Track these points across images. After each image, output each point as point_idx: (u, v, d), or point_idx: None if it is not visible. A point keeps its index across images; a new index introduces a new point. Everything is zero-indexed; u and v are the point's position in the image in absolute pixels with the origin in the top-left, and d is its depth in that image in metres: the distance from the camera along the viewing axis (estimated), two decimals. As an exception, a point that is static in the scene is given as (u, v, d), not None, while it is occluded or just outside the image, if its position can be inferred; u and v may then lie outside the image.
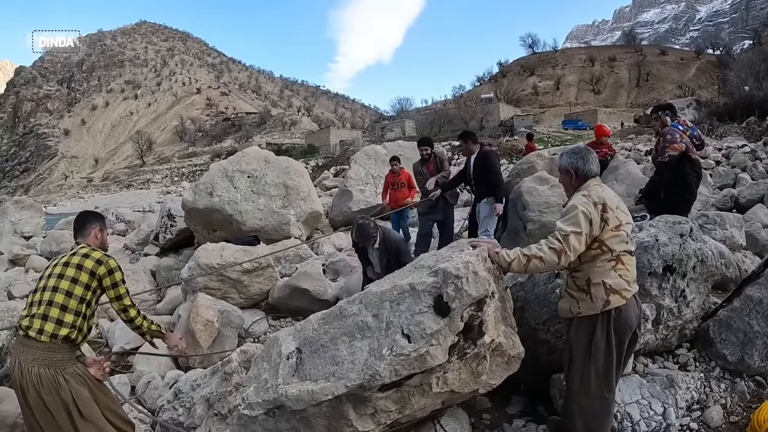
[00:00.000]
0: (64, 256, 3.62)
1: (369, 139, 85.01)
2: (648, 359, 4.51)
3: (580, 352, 3.37)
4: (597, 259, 3.28)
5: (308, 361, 3.43)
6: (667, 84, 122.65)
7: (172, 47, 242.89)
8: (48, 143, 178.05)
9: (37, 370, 3.23)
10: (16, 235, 20.05)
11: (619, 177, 9.23)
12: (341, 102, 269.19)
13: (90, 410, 3.34)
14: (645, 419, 3.75)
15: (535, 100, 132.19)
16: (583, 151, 3.56)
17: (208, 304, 6.38)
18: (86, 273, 3.48)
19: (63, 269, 3.47)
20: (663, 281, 4.24)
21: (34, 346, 3.27)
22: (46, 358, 3.28)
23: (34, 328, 3.29)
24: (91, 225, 3.86)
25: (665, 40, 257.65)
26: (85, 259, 3.51)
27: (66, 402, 3.25)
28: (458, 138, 8.35)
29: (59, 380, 3.25)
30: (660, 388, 3.93)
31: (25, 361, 3.25)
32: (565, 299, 3.50)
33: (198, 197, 10.23)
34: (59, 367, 3.30)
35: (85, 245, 3.69)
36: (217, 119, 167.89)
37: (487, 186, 7.56)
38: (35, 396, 3.22)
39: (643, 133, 46.55)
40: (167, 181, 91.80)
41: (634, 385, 3.96)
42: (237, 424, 3.69)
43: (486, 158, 7.62)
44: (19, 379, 3.25)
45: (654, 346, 4.43)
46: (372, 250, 6.12)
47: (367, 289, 3.62)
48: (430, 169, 8.37)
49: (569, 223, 3.18)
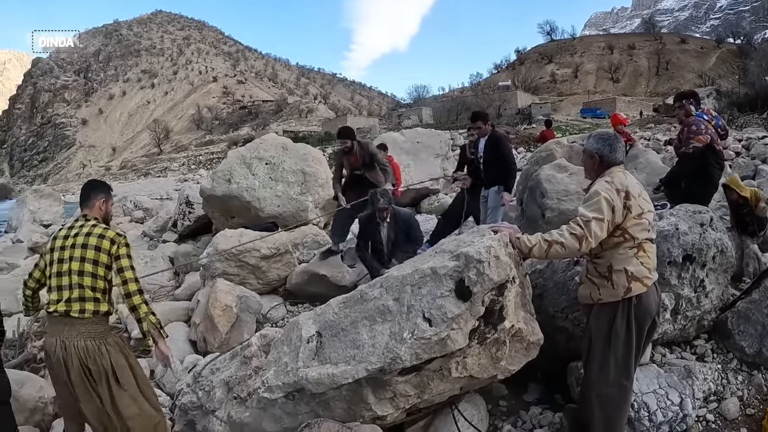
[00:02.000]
0: (77, 233, 3.61)
1: (386, 126, 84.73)
2: (666, 349, 4.49)
3: (600, 340, 3.36)
4: (619, 247, 3.26)
5: (328, 345, 3.46)
6: (686, 73, 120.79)
7: (188, 36, 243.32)
8: (66, 133, 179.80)
9: (83, 343, 3.40)
10: (35, 223, 20.30)
11: (639, 166, 9.13)
12: (358, 89, 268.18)
13: (126, 378, 3.53)
14: (662, 409, 3.74)
15: (553, 88, 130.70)
16: (612, 138, 3.53)
17: (227, 289, 6.43)
18: (105, 254, 3.56)
19: (83, 251, 3.52)
20: (682, 270, 4.21)
21: (77, 323, 3.44)
22: (91, 331, 3.47)
23: (75, 309, 3.43)
24: (95, 196, 3.88)
25: (685, 28, 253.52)
26: (101, 240, 3.57)
27: (106, 369, 3.44)
28: (470, 118, 7.56)
29: (102, 350, 3.45)
30: (677, 379, 3.91)
31: (69, 337, 3.40)
32: (585, 285, 3.49)
33: (216, 184, 10.27)
34: (102, 338, 3.50)
35: (93, 219, 3.74)
36: (233, 107, 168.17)
37: (498, 172, 7.16)
38: (79, 368, 3.37)
39: (662, 122, 46.04)
40: (184, 169, 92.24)
41: (652, 375, 3.94)
42: (256, 407, 3.73)
43: (500, 142, 7.26)
44: (62, 355, 3.38)
45: (672, 336, 4.40)
46: (383, 224, 6.23)
47: (388, 273, 3.63)
48: (352, 161, 7.46)
49: (591, 209, 3.16)
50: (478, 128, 7.19)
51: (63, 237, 3.59)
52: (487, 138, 7.21)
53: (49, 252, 3.61)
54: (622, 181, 3.29)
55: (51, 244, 3.64)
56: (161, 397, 4.97)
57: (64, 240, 3.57)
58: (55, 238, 3.66)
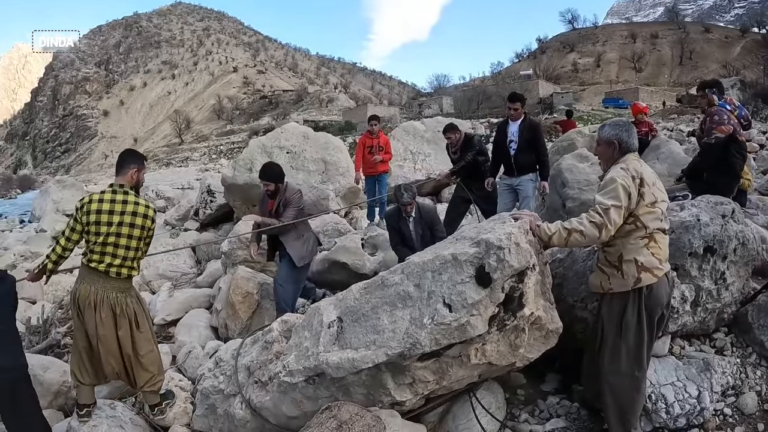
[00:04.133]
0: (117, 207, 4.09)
1: (406, 115, 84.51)
2: (685, 342, 4.44)
3: (612, 330, 3.40)
4: (630, 236, 3.27)
5: (349, 330, 3.50)
6: (710, 63, 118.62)
7: (207, 27, 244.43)
8: (87, 124, 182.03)
9: (114, 294, 4.09)
10: (58, 213, 20.58)
11: (661, 156, 9.04)
12: (378, 79, 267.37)
13: (144, 325, 4.27)
14: (679, 402, 3.72)
15: (575, 78, 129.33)
16: (627, 124, 3.56)
17: (248, 276, 6.51)
18: (144, 230, 4.20)
19: (129, 229, 4.09)
20: (703, 262, 4.16)
21: (111, 279, 4.09)
22: (121, 286, 4.16)
23: (112, 271, 4.07)
24: (129, 166, 4.32)
25: (709, 17, 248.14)
26: (144, 219, 4.17)
27: (130, 316, 4.14)
28: (510, 99, 7.02)
29: (127, 301, 4.17)
30: (696, 371, 3.88)
31: (104, 288, 4.07)
32: (596, 274, 3.53)
33: (237, 173, 10.36)
34: (128, 291, 4.23)
35: (127, 188, 4.23)
36: (254, 97, 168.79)
37: (532, 160, 6.87)
38: (108, 311, 4.06)
39: (685, 113, 45.44)
40: (205, 159, 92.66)
41: (670, 367, 3.91)
42: (277, 391, 3.80)
43: (537, 128, 6.96)
44: (95, 299, 4.03)
45: (691, 328, 4.36)
46: (408, 220, 6.15)
47: (409, 259, 3.66)
48: (270, 207, 6.21)
49: (609, 196, 3.17)
50: (515, 110, 6.89)
51: (107, 211, 4.06)
52: (521, 122, 6.87)
53: (94, 224, 4.05)
54: (637, 168, 3.31)
55: (92, 215, 4.06)
56: (182, 381, 5.10)
57: (109, 215, 4.06)
58: (90, 203, 4.09)
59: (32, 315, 7.27)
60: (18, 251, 13.76)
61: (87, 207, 4.07)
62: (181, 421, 4.61)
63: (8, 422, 3.81)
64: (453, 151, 7.76)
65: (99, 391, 4.77)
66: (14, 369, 3.83)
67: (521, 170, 6.94)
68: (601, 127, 3.70)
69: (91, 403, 4.31)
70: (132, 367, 4.22)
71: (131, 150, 4.66)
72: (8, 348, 3.84)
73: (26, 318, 7.30)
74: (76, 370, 4.24)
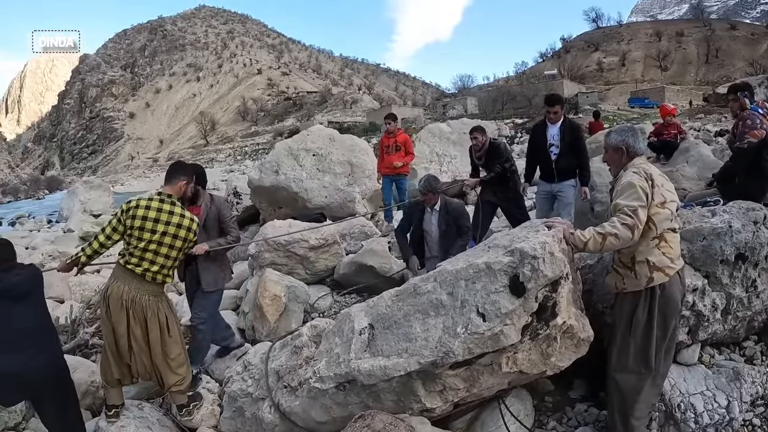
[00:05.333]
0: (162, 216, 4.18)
1: (431, 116, 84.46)
2: (714, 350, 4.37)
3: (621, 327, 3.50)
4: (643, 237, 3.32)
5: (380, 337, 3.50)
6: (737, 61, 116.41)
7: (231, 30, 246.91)
8: (114, 126, 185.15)
9: (147, 297, 4.16)
10: (85, 213, 20.93)
11: (690, 159, 8.90)
12: (402, 79, 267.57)
13: (175, 331, 4.34)
14: (708, 411, 3.67)
15: (600, 77, 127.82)
16: (634, 129, 3.70)
17: (276, 279, 6.54)
18: (184, 241, 4.30)
19: (172, 240, 4.19)
20: (734, 270, 4.10)
21: (147, 282, 4.18)
22: (155, 290, 4.25)
23: (148, 275, 4.14)
24: (180, 177, 4.45)
25: (734, 14, 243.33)
26: (189, 232, 4.29)
27: (161, 321, 4.23)
28: (549, 102, 6.70)
29: (160, 305, 4.26)
30: (725, 381, 3.82)
31: (138, 289, 4.14)
32: (611, 275, 3.61)
33: (264, 175, 10.44)
34: (160, 297, 4.31)
35: (174, 199, 4.32)
36: (278, 99, 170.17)
37: (573, 164, 6.59)
38: (141, 314, 4.14)
39: (712, 112, 44.71)
40: (230, 160, 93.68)
41: (700, 376, 3.86)
42: (307, 397, 3.81)
43: (578, 130, 6.68)
44: (127, 299, 4.10)
45: (721, 336, 4.29)
46: (431, 212, 6.08)
47: (442, 267, 3.65)
48: None
49: (632, 198, 3.25)
50: (555, 113, 6.60)
51: (153, 219, 4.15)
52: (562, 125, 6.60)
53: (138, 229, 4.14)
54: (647, 169, 3.42)
55: (137, 220, 4.15)
56: (210, 383, 5.14)
57: (155, 223, 4.15)
58: (138, 208, 4.18)
59: (60, 314, 7.35)
60: (46, 251, 14.02)
61: (133, 211, 4.16)
62: (208, 423, 4.66)
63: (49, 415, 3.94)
64: (477, 156, 7.51)
65: (127, 391, 4.82)
66: (62, 361, 4.07)
67: (562, 175, 6.67)
68: (608, 134, 3.81)
69: (120, 404, 4.38)
70: (161, 369, 4.30)
71: (182, 162, 4.79)
72: (56, 343, 4.12)
73: (54, 317, 7.39)
74: (102, 370, 4.35)
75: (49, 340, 3.98)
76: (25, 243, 17.20)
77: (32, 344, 3.75)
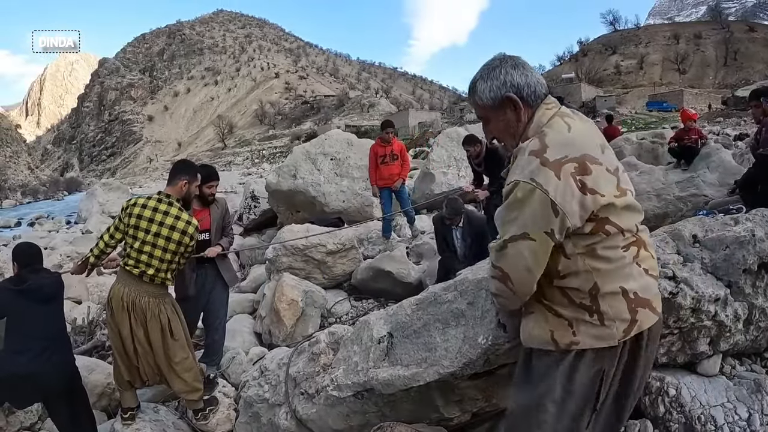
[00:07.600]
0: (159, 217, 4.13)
1: (448, 120, 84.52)
2: (735, 361, 4.29)
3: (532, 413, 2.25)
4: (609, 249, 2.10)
5: (399, 346, 3.46)
6: (756, 63, 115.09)
7: (249, 34, 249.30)
8: (133, 129, 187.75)
9: (147, 299, 4.12)
10: (104, 215, 21.16)
11: (711, 165, 8.77)
12: (419, 83, 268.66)
13: (179, 333, 4.28)
14: (729, 424, 3.56)
15: (618, 80, 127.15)
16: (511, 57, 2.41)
17: (293, 283, 6.54)
18: (182, 245, 4.19)
19: (165, 242, 4.11)
20: (757, 279, 3.99)
21: (146, 283, 4.13)
22: (155, 292, 4.19)
23: (148, 275, 4.11)
24: (180, 177, 4.35)
25: (753, 15, 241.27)
26: (184, 236, 4.17)
27: (163, 323, 4.17)
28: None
29: (161, 307, 4.19)
30: (746, 393, 3.71)
31: (138, 291, 4.11)
32: (538, 322, 2.24)
33: (282, 179, 10.47)
34: (162, 298, 4.24)
35: (173, 199, 4.24)
36: (295, 102, 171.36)
37: None
38: (142, 316, 4.10)
39: (731, 116, 44.23)
40: (248, 163, 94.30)
41: (720, 388, 3.75)
42: (324, 404, 3.78)
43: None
44: (128, 301, 4.07)
45: (743, 347, 4.19)
46: (456, 229, 6.11)
47: (463, 276, 3.60)
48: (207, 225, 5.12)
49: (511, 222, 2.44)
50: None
51: (147, 218, 4.12)
52: None
53: (133, 227, 4.14)
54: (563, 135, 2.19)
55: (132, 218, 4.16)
56: (226, 388, 5.13)
57: (148, 222, 4.12)
58: (134, 206, 4.19)
59: (77, 315, 7.42)
60: (64, 252, 14.19)
61: (131, 210, 4.18)
62: (223, 427, 4.66)
63: (61, 417, 3.97)
64: (476, 163, 7.47)
65: (143, 394, 4.85)
66: (73, 363, 4.09)
67: None
68: (471, 89, 2.29)
69: (135, 407, 4.40)
70: (165, 373, 4.29)
71: (185, 161, 4.70)
72: (69, 346, 4.15)
73: (72, 318, 7.45)
74: (114, 373, 4.37)
75: (63, 344, 4.03)
76: (43, 243, 17.38)
77: (48, 346, 3.79)
